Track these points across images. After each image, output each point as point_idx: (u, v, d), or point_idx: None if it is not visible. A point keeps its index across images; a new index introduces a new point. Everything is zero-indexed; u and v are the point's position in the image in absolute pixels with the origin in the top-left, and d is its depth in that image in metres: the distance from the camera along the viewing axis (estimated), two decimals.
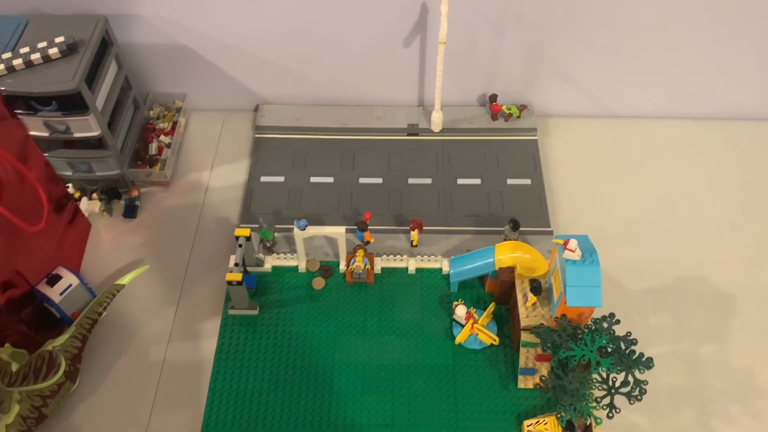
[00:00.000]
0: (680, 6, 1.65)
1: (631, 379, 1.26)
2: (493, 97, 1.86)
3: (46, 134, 1.56)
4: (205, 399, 1.42)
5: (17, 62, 1.47)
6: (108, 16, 1.62)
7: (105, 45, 1.62)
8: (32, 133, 1.55)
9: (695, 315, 1.54)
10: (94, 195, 1.71)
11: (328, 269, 1.59)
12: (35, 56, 1.48)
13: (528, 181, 1.75)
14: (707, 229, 1.68)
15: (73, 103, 1.51)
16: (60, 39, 1.51)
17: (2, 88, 1.46)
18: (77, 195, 1.70)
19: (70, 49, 1.50)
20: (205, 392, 1.43)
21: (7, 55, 1.48)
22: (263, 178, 1.76)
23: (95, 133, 1.58)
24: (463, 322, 1.48)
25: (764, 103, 1.88)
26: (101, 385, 1.44)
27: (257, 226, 1.66)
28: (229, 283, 1.43)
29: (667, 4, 1.64)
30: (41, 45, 1.50)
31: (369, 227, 1.61)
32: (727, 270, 1.61)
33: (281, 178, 1.76)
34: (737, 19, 1.68)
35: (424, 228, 1.64)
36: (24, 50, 1.49)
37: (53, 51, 1.49)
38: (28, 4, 1.66)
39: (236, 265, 1.46)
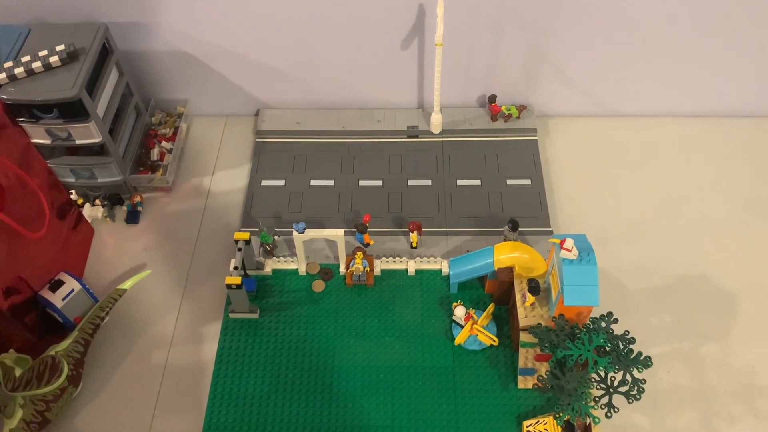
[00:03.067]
0: (680, 4, 1.64)
1: (629, 378, 1.26)
2: (493, 98, 1.86)
3: (48, 141, 1.58)
4: (206, 402, 1.43)
5: (19, 71, 1.49)
6: (108, 24, 1.64)
7: (106, 52, 1.64)
8: (35, 140, 1.57)
9: (697, 314, 1.53)
10: (97, 201, 1.73)
11: (328, 272, 1.60)
12: (36, 65, 1.50)
13: (528, 182, 1.74)
14: (709, 227, 1.67)
15: (74, 111, 1.53)
16: (60, 47, 1.53)
17: (4, 97, 1.48)
18: (80, 201, 1.72)
19: (70, 57, 1.52)
20: (206, 395, 1.44)
21: (8, 64, 1.50)
22: (264, 182, 1.77)
23: (97, 140, 1.60)
24: (462, 323, 1.48)
25: (766, 100, 1.86)
26: (104, 389, 1.45)
27: (257, 229, 1.67)
28: (229, 286, 1.44)
29: (667, 1, 1.64)
30: (42, 53, 1.52)
31: (369, 229, 1.62)
32: (730, 269, 1.59)
33: (282, 182, 1.77)
34: (737, 15, 1.66)
35: (423, 229, 1.64)
36: (25, 59, 1.51)
37: (54, 59, 1.51)
38: (32, 13, 1.69)
39: (235, 268, 1.47)
